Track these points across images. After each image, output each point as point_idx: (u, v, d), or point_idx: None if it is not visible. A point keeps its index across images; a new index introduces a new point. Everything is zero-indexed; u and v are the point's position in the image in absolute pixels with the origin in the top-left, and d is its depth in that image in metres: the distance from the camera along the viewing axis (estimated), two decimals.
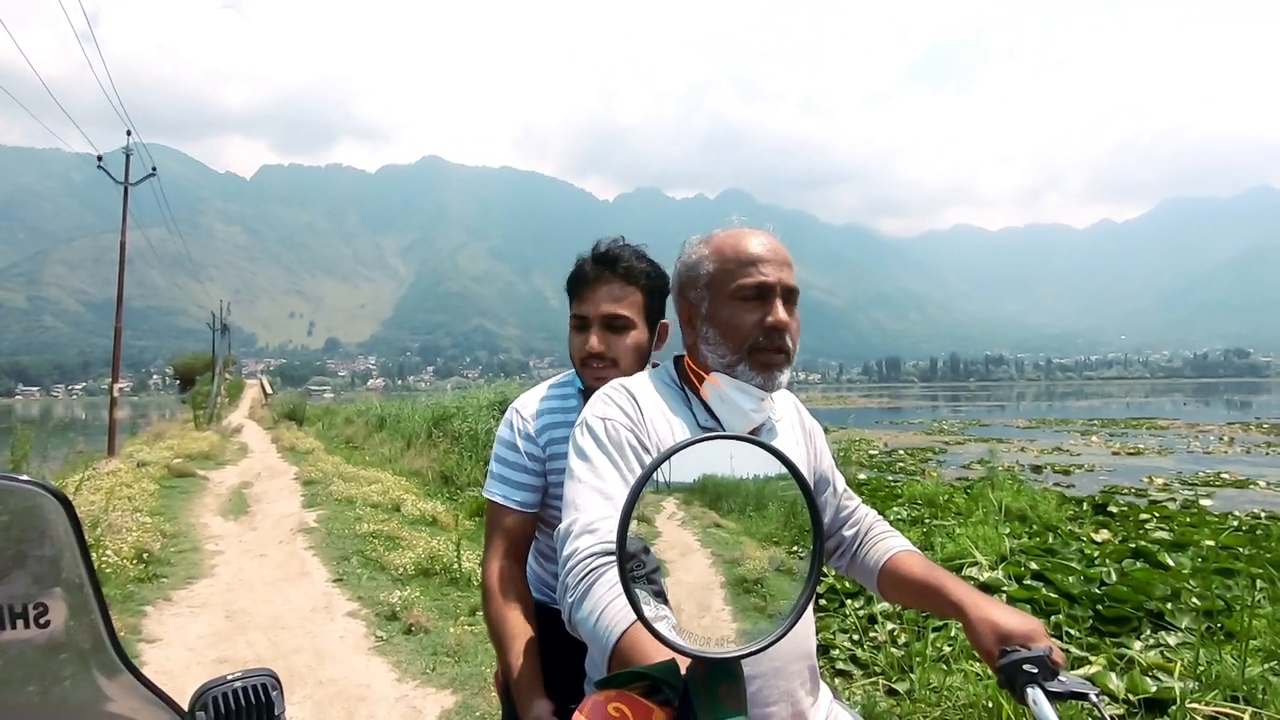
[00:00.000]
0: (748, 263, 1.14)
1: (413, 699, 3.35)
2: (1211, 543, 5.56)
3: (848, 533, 1.32)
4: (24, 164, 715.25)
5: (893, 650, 3.46)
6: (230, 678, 0.72)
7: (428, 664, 3.71)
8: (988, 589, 4.04)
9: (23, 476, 0.61)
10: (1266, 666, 2.86)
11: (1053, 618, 3.64)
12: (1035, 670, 0.90)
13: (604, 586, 0.91)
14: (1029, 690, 0.89)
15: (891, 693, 3.15)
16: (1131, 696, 2.79)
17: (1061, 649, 0.95)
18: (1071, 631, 3.54)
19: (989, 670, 1.10)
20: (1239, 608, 3.56)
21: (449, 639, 3.95)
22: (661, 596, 0.71)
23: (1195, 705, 2.54)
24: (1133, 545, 5.20)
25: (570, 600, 0.95)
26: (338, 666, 3.71)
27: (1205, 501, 9.65)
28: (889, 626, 3.73)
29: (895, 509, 7.35)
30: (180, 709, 0.66)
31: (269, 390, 43.95)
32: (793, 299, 1.16)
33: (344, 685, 3.48)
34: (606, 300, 1.40)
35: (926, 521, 6.54)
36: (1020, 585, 4.17)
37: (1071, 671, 1.40)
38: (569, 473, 1.09)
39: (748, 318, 1.14)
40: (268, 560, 5.94)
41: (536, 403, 1.47)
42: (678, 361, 1.26)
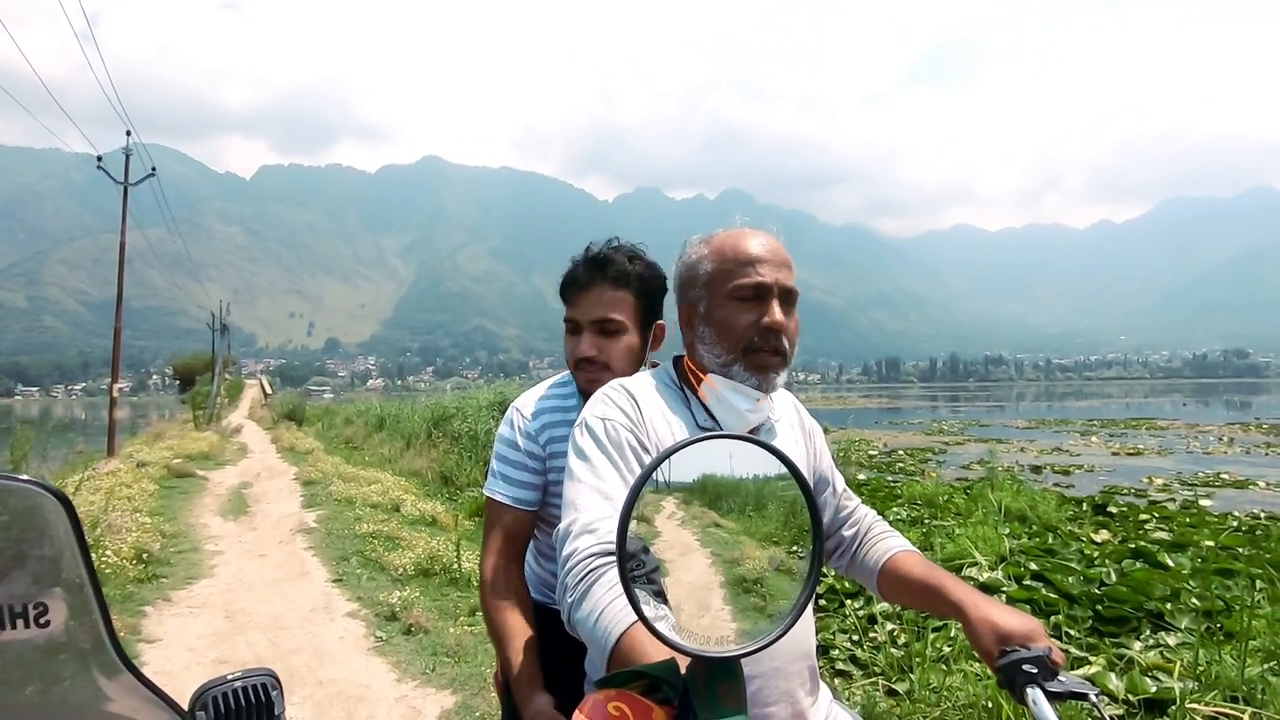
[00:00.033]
0: (746, 263, 1.14)
1: (412, 699, 3.35)
2: (1211, 543, 5.56)
3: (847, 533, 1.32)
4: (24, 164, 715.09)
5: (892, 650, 3.46)
6: (230, 677, 0.72)
7: (427, 664, 3.71)
8: (987, 589, 4.04)
9: (23, 476, 0.61)
10: (1266, 667, 2.86)
11: (1052, 618, 3.64)
12: (1035, 670, 0.90)
13: (603, 587, 0.91)
14: (1029, 690, 0.89)
15: (891, 693, 3.15)
16: (1131, 697, 2.80)
17: (1061, 649, 0.94)
18: (1071, 632, 3.54)
19: (989, 670, 1.10)
20: (1238, 608, 3.56)
21: (449, 639, 3.95)
22: (661, 596, 0.71)
23: (1195, 705, 2.54)
24: (1132, 546, 5.20)
25: (570, 600, 0.95)
26: (337, 667, 3.71)
27: (1205, 502, 9.66)
28: (889, 627, 3.73)
29: (895, 509, 7.35)
30: (180, 709, 0.66)
31: (269, 390, 43.89)
32: (791, 300, 1.16)
33: (344, 685, 3.48)
34: (597, 304, 1.41)
35: (926, 522, 6.54)
36: (1020, 585, 4.17)
37: (1071, 672, 1.40)
38: (568, 473, 1.09)
39: (744, 318, 1.13)
40: (267, 560, 5.94)
41: (536, 402, 1.48)
42: (677, 361, 1.26)
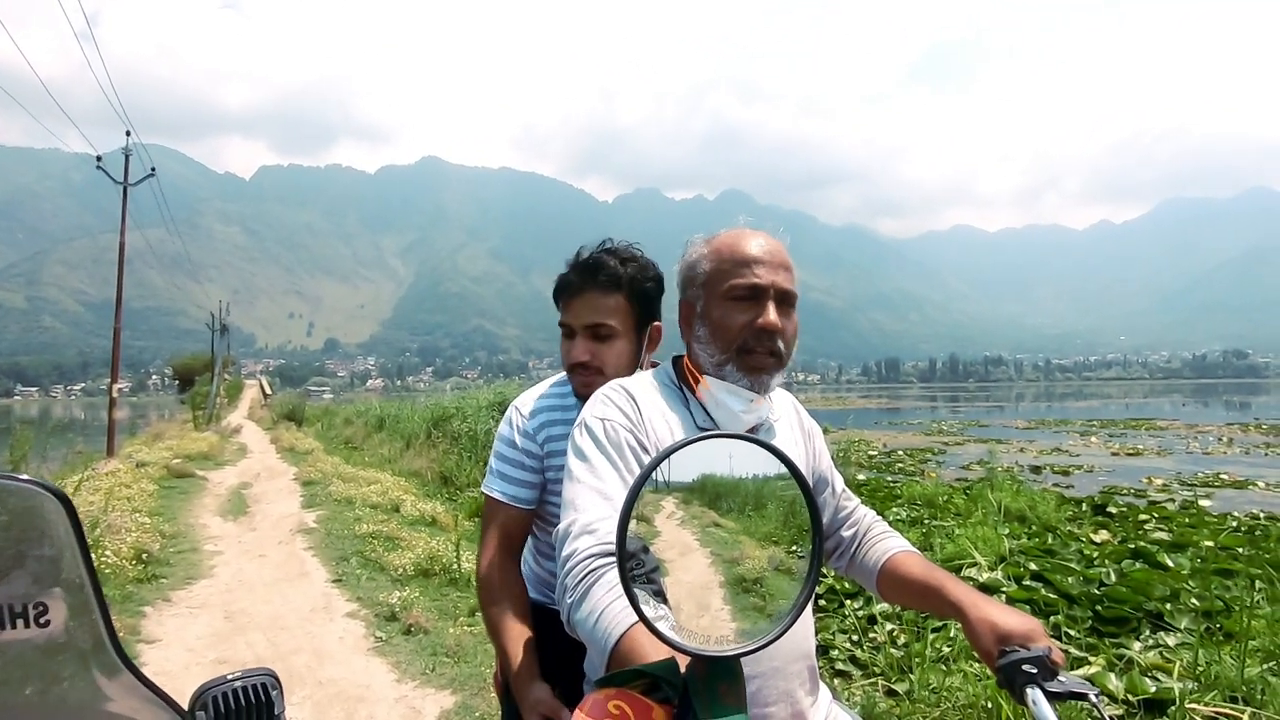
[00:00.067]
0: (742, 263, 1.14)
1: (412, 699, 3.35)
2: (1210, 543, 5.57)
3: (846, 533, 1.32)
4: (23, 164, 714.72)
5: (892, 651, 3.46)
6: (230, 677, 0.72)
7: (427, 664, 3.71)
8: (987, 590, 4.04)
9: (23, 476, 0.61)
10: (1265, 667, 2.87)
11: (1052, 618, 3.64)
12: (1034, 670, 0.90)
13: (603, 588, 0.91)
14: (1028, 690, 0.89)
15: (891, 693, 3.15)
16: (1131, 697, 2.80)
17: (1061, 649, 0.94)
18: (1071, 632, 3.54)
19: (988, 670, 1.10)
20: (1238, 608, 3.57)
21: (448, 639, 3.95)
22: (661, 595, 0.71)
23: (1194, 706, 2.54)
24: (1132, 546, 5.21)
25: (569, 601, 0.95)
26: (337, 667, 3.71)
27: (1204, 502, 9.65)
28: (888, 627, 3.73)
29: (894, 509, 7.35)
30: (180, 708, 0.66)
31: (268, 391, 43.86)
32: (788, 302, 1.15)
33: (343, 686, 3.47)
34: (589, 310, 1.41)
35: (926, 522, 6.54)
36: (1019, 586, 4.18)
37: (1071, 672, 1.40)
38: (568, 473, 1.09)
39: (738, 318, 1.13)
40: (267, 561, 5.94)
41: (535, 401, 1.49)
42: (676, 361, 1.26)
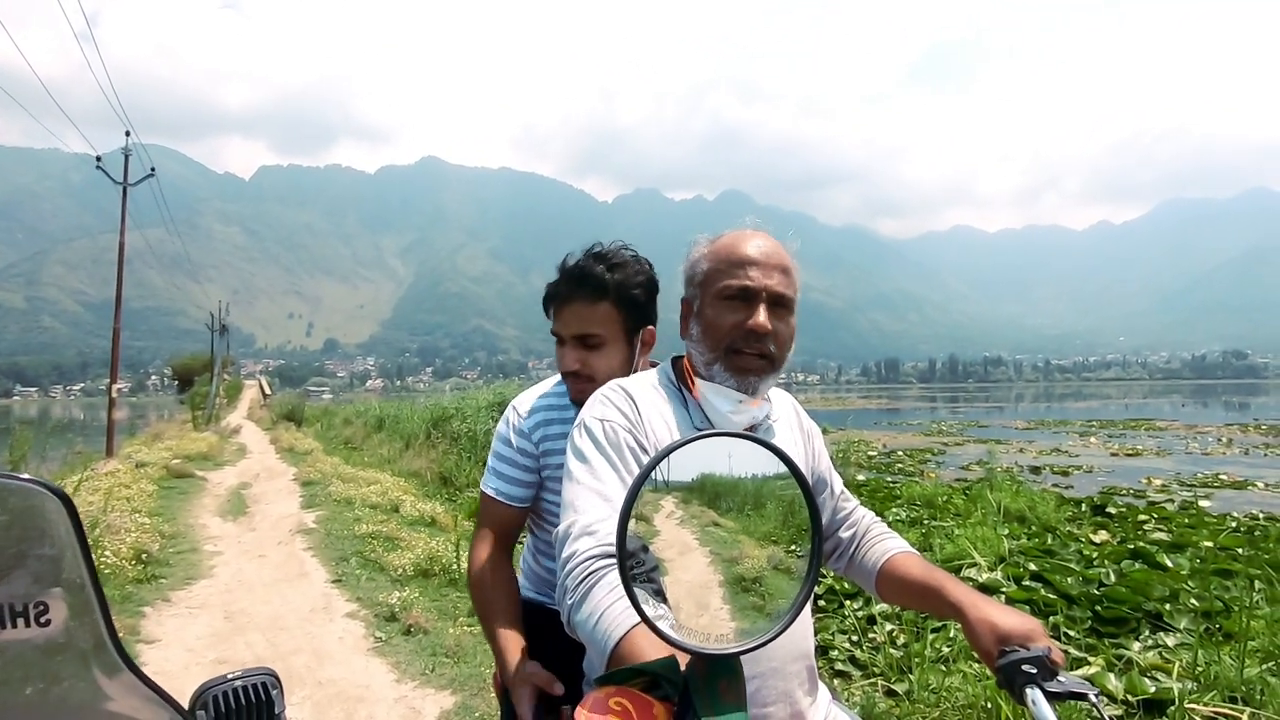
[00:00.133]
0: (737, 265, 1.14)
1: (412, 700, 3.34)
2: (1210, 544, 5.57)
3: (845, 534, 1.32)
4: (22, 164, 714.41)
5: (891, 651, 3.46)
6: (230, 677, 0.72)
7: (427, 665, 3.71)
8: (986, 590, 4.04)
9: (24, 475, 0.61)
10: (1265, 667, 2.87)
11: (1051, 619, 3.64)
12: (1034, 670, 0.90)
13: (603, 589, 0.91)
14: (1028, 690, 0.89)
15: (890, 693, 3.15)
16: (1130, 697, 2.80)
17: (1060, 650, 0.95)
18: (1070, 632, 3.54)
19: (988, 671, 1.10)
20: (1237, 609, 3.57)
21: (448, 640, 3.95)
22: (660, 594, 0.71)
23: (1194, 706, 2.54)
24: (1131, 546, 5.21)
25: (570, 602, 0.95)
26: (337, 667, 3.71)
27: (1203, 503, 9.66)
28: (888, 627, 3.73)
29: (894, 510, 7.35)
30: (181, 708, 0.66)
31: (268, 391, 43.82)
32: (783, 305, 1.15)
33: (343, 686, 3.47)
34: (577, 319, 1.42)
35: (925, 522, 6.54)
36: (1019, 586, 4.18)
37: (1070, 672, 1.40)
38: (567, 474, 1.09)
39: (729, 318, 1.14)
40: (266, 561, 5.93)
41: (534, 400, 1.50)
42: (676, 361, 1.26)
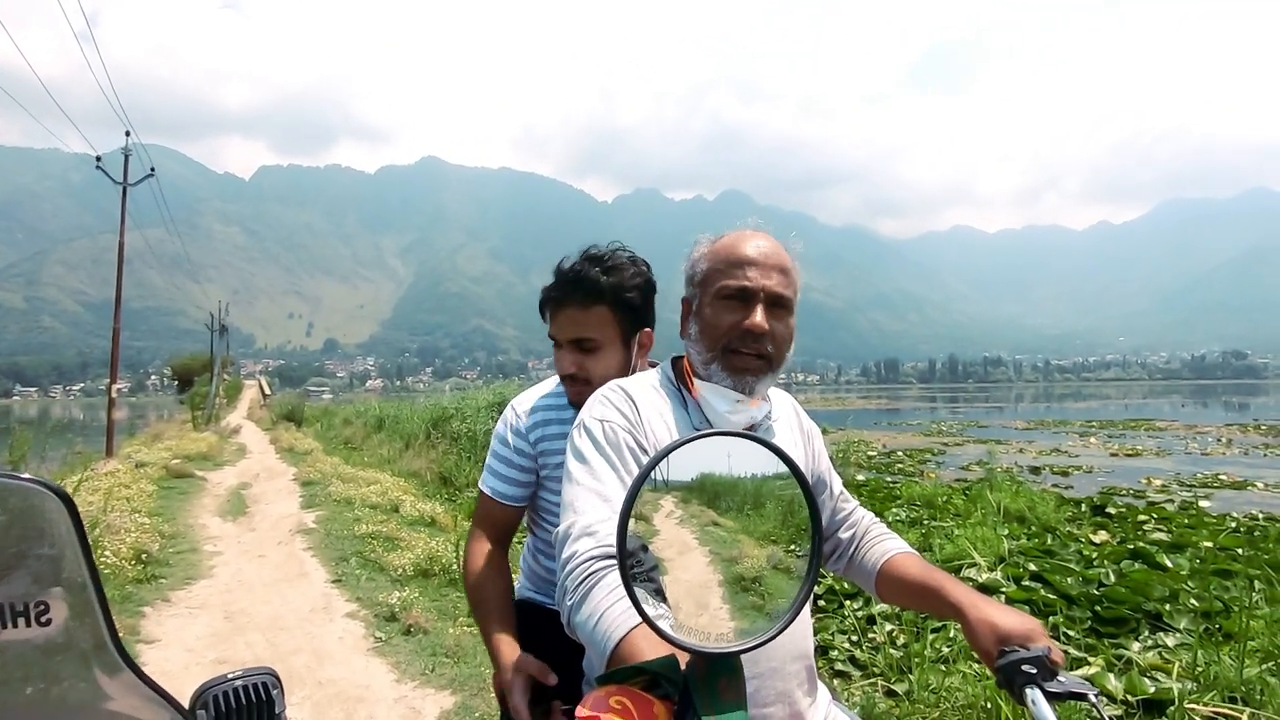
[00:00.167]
0: (736, 265, 1.15)
1: (412, 700, 3.34)
2: (1209, 544, 5.57)
3: (845, 535, 1.32)
4: (22, 164, 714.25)
5: (891, 651, 3.46)
6: (231, 676, 0.72)
7: (427, 665, 3.71)
8: (986, 590, 4.04)
9: (24, 475, 0.61)
10: (1264, 667, 2.87)
11: (1051, 619, 3.64)
12: (1034, 670, 0.90)
13: (603, 590, 0.91)
14: (1028, 690, 0.89)
15: (890, 694, 3.15)
16: (1130, 697, 2.80)
17: (1060, 650, 0.95)
18: (1070, 633, 3.54)
19: (988, 671, 1.10)
20: (1237, 609, 3.57)
21: (448, 640, 3.95)
22: (660, 594, 0.71)
23: (1193, 706, 2.54)
24: (1131, 546, 5.21)
25: (570, 603, 0.95)
26: (337, 667, 3.71)
27: (1203, 503, 9.66)
28: (888, 628, 3.73)
29: (894, 510, 7.35)
30: (181, 707, 0.66)
31: (267, 391, 43.82)
32: (782, 305, 1.15)
33: (343, 686, 3.47)
34: (572, 324, 1.42)
35: (925, 523, 6.54)
36: (1019, 586, 4.18)
37: (1070, 672, 1.40)
38: (567, 474, 1.09)
39: (726, 318, 1.14)
40: (266, 561, 5.93)
41: (533, 400, 1.51)
42: (676, 361, 1.26)
